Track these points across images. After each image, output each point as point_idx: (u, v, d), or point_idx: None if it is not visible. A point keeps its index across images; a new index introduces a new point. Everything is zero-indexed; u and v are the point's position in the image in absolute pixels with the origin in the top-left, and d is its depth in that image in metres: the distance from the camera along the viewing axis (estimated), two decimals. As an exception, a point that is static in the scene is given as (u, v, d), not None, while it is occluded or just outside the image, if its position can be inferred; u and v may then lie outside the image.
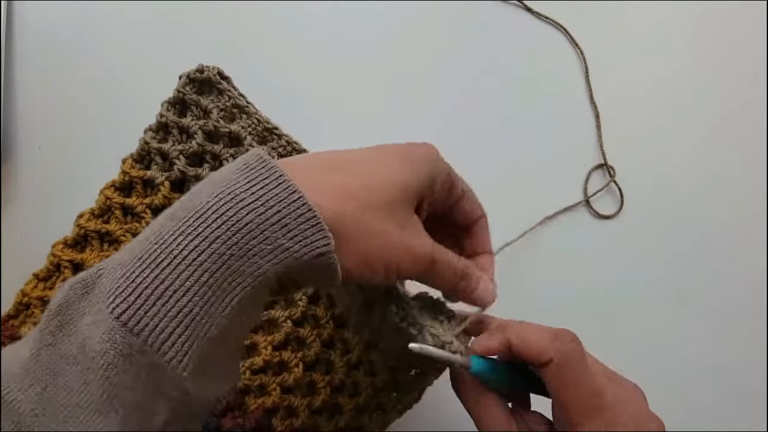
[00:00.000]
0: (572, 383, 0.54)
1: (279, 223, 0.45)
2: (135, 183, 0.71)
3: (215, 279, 0.43)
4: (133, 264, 0.42)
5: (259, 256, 0.45)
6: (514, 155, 0.93)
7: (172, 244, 0.43)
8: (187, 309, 0.42)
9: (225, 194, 0.45)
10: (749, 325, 0.91)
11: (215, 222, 0.44)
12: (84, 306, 0.42)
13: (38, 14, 0.89)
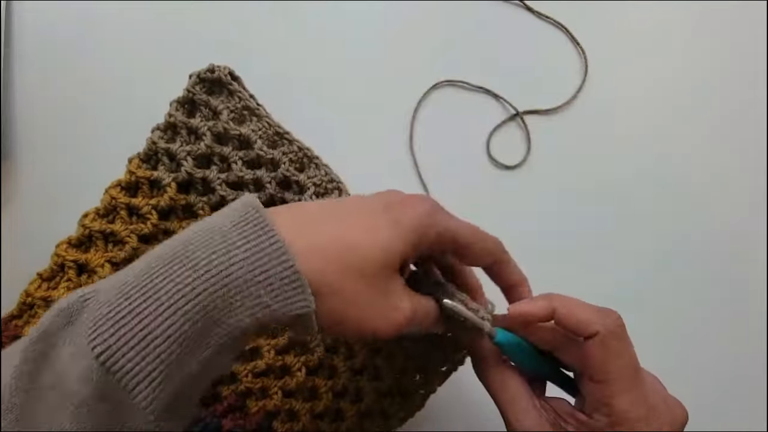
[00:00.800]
0: (615, 355, 0.56)
1: (265, 281, 0.47)
2: (141, 183, 0.71)
3: (196, 328, 0.45)
4: (119, 303, 0.44)
5: (241, 310, 0.46)
6: (514, 155, 0.94)
7: (161, 291, 0.45)
8: (164, 355, 0.44)
9: (219, 248, 0.47)
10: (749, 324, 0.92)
11: (205, 275, 0.45)
12: (66, 335, 0.44)
13: (38, 14, 0.89)
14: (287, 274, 0.47)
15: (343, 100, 0.92)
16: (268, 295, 0.47)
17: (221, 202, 0.71)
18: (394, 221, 0.54)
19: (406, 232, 0.54)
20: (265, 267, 0.47)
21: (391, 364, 0.75)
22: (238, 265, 0.46)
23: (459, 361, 0.74)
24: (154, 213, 0.71)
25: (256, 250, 0.47)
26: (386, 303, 0.54)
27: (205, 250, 0.47)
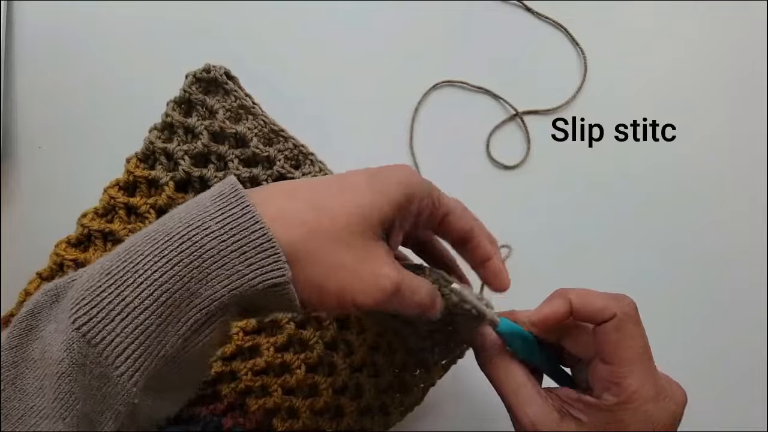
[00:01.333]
0: (629, 337, 0.57)
1: (238, 250, 0.47)
2: (139, 183, 0.72)
3: (174, 299, 0.46)
4: (100, 278, 0.45)
5: (217, 280, 0.47)
6: (514, 155, 0.94)
7: (140, 263, 0.46)
8: (143, 326, 0.44)
9: (195, 221, 0.48)
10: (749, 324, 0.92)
11: (181, 246, 0.46)
12: (52, 313, 0.46)
13: (38, 14, 0.89)
14: (261, 242, 0.48)
15: (343, 100, 0.93)
16: (243, 264, 0.47)
17: None
18: (373, 181, 0.55)
19: (387, 188, 0.54)
20: (239, 236, 0.48)
21: (392, 360, 0.75)
22: (213, 235, 0.47)
23: (459, 354, 0.75)
24: (152, 212, 0.71)
25: (230, 220, 0.48)
26: (367, 270, 0.53)
27: (183, 223, 0.47)
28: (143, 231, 0.48)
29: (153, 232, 0.47)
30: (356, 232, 0.52)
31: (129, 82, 0.89)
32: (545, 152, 0.94)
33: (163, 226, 0.48)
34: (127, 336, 0.44)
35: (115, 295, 0.45)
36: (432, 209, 0.59)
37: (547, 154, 0.94)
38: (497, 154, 0.93)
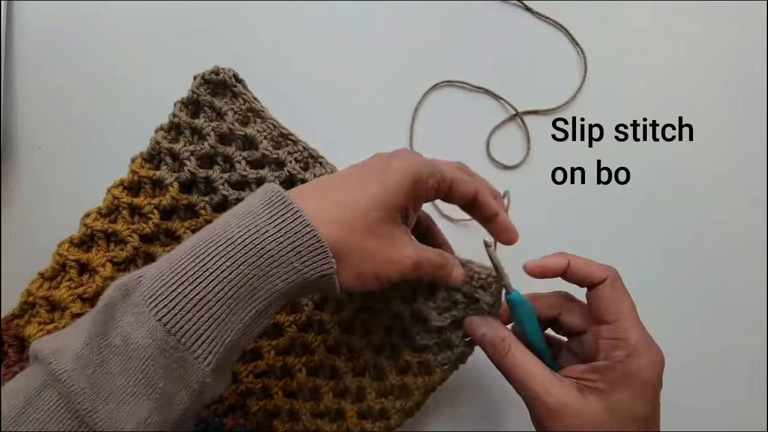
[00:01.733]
0: (623, 293, 0.67)
1: (294, 250, 0.56)
2: (144, 183, 0.72)
3: (240, 293, 0.54)
4: (173, 276, 0.52)
5: (276, 276, 0.55)
6: (514, 155, 0.94)
7: (209, 263, 0.53)
8: (215, 316, 0.52)
9: (252, 227, 0.55)
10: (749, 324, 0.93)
11: (244, 248, 0.54)
12: (126, 306, 0.51)
13: (38, 14, 0.89)
14: (312, 242, 0.56)
15: (343, 101, 0.93)
16: (298, 261, 0.56)
17: (223, 202, 0.73)
18: (383, 178, 0.62)
19: (397, 178, 0.62)
20: (293, 238, 0.56)
21: (394, 363, 0.75)
22: (271, 238, 0.55)
23: (460, 360, 0.75)
24: (156, 212, 0.72)
25: (284, 226, 0.56)
26: (393, 250, 0.62)
27: (241, 228, 0.55)
28: (200, 237, 0.55)
29: (214, 236, 0.55)
30: (378, 221, 0.61)
31: (129, 82, 0.88)
32: (545, 152, 0.94)
33: (223, 232, 0.55)
34: (201, 324, 0.52)
35: (189, 290, 0.52)
36: (438, 185, 0.66)
37: (547, 154, 0.94)
38: (497, 154, 0.93)
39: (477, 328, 0.71)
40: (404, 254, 0.63)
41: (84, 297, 0.68)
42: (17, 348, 0.66)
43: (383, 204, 0.61)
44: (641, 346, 0.64)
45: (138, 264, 0.71)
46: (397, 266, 0.63)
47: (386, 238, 0.62)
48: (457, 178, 0.68)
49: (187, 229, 0.73)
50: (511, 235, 0.72)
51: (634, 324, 0.65)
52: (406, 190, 0.62)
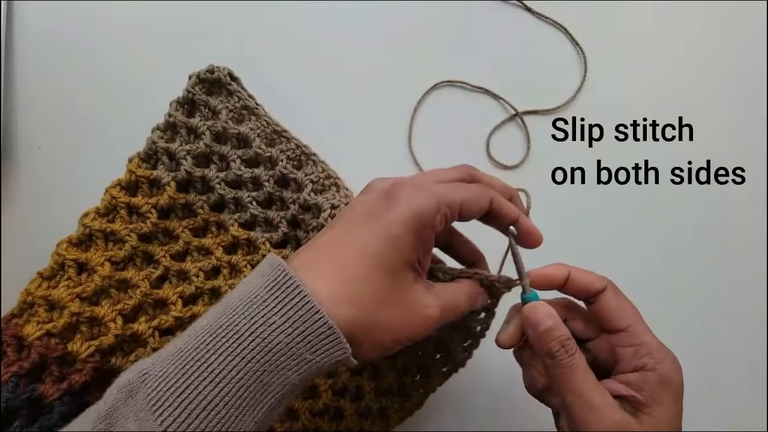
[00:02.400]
0: (625, 300, 0.66)
1: (304, 341, 0.52)
2: (141, 182, 0.71)
3: (250, 392, 0.51)
4: (177, 378, 0.50)
5: (287, 368, 0.52)
6: (514, 155, 0.94)
7: (214, 364, 0.50)
8: (224, 419, 0.50)
9: (258, 316, 0.52)
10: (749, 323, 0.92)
11: (251, 344, 0.51)
12: (128, 411, 0.49)
13: (38, 14, 0.89)
14: (323, 330, 0.53)
15: (343, 100, 0.93)
16: (309, 352, 0.52)
17: (220, 200, 0.72)
18: (383, 231, 0.58)
19: (399, 237, 0.57)
20: (302, 328, 0.52)
21: (392, 364, 0.75)
22: (278, 330, 0.52)
23: (460, 362, 0.75)
24: (153, 212, 0.71)
25: (291, 314, 0.52)
26: (411, 313, 0.59)
27: (247, 319, 0.52)
28: (207, 322, 0.53)
29: (218, 327, 0.52)
30: (389, 288, 0.57)
31: (129, 82, 0.89)
32: (545, 152, 0.94)
33: (227, 319, 0.52)
34: (211, 430, 0.49)
35: (195, 395, 0.49)
36: (446, 218, 0.61)
37: (547, 154, 0.94)
38: (497, 154, 0.93)
39: (542, 320, 0.64)
40: (425, 314, 0.60)
41: (83, 296, 0.67)
42: (16, 347, 0.66)
43: (390, 268, 0.57)
44: (662, 349, 0.63)
45: (136, 263, 0.71)
46: (420, 328, 0.60)
47: (402, 303, 0.58)
48: (466, 199, 0.62)
49: (185, 227, 0.72)
50: (535, 237, 0.68)
51: (646, 329, 0.64)
52: (412, 243, 0.58)
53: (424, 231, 0.59)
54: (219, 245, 0.73)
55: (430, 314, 0.60)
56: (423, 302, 0.60)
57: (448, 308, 0.62)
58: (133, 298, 0.69)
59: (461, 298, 0.64)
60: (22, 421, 0.63)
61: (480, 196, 0.63)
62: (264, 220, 0.73)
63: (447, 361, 0.75)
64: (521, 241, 0.68)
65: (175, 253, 0.72)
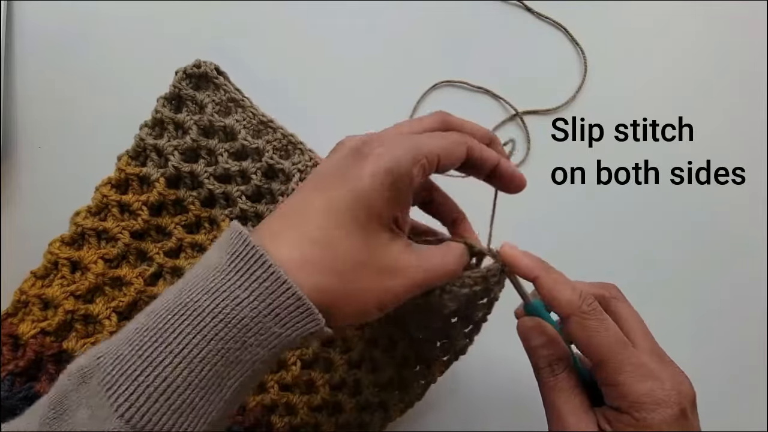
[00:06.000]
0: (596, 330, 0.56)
1: (271, 314, 0.47)
2: (131, 180, 0.70)
3: (216, 371, 0.46)
4: (133, 360, 0.45)
5: (255, 344, 0.47)
6: (514, 155, 0.92)
7: (173, 343, 0.45)
8: (189, 401, 0.45)
9: (220, 291, 0.47)
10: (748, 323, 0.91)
11: (213, 320, 0.46)
12: (81, 396, 0.44)
13: (38, 14, 0.89)
14: (292, 302, 0.48)
15: (342, 100, 0.92)
16: (278, 326, 0.48)
17: (210, 195, 0.71)
18: (354, 188, 0.52)
19: (372, 193, 0.52)
20: (268, 301, 0.47)
21: (392, 355, 0.74)
22: (243, 304, 0.47)
23: (460, 351, 0.74)
24: (144, 209, 0.70)
25: (256, 286, 0.48)
26: (393, 275, 0.53)
27: (208, 294, 0.47)
28: (165, 299, 0.48)
29: (177, 305, 0.47)
30: (366, 250, 0.52)
31: (129, 82, 0.88)
32: (545, 152, 0.93)
33: (187, 296, 0.47)
34: (173, 413, 0.44)
35: (153, 377, 0.44)
36: (424, 170, 0.55)
37: (547, 154, 0.93)
38: (496, 154, 0.91)
39: (531, 337, 0.62)
40: (406, 276, 0.54)
41: (77, 294, 0.67)
42: (11, 346, 0.65)
43: (361, 226, 0.52)
44: (644, 398, 0.54)
45: (130, 260, 0.70)
46: (403, 290, 0.54)
47: (379, 264, 0.53)
48: (444, 148, 0.56)
49: (177, 224, 0.71)
50: (518, 181, 0.63)
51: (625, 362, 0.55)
52: (385, 198, 0.52)
53: (400, 184, 0.53)
54: (212, 241, 0.71)
55: (411, 275, 0.54)
56: (403, 263, 0.54)
57: (434, 270, 0.57)
58: (128, 295, 0.68)
59: (449, 260, 0.59)
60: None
61: (458, 144, 0.58)
62: (254, 215, 0.71)
63: (448, 348, 0.73)
64: (503, 188, 0.63)
65: (168, 250, 0.71)
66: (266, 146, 0.70)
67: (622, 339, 0.56)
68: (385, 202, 0.53)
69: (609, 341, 0.56)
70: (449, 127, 0.61)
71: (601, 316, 0.57)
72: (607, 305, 0.61)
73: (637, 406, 0.54)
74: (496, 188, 0.64)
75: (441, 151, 0.56)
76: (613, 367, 0.55)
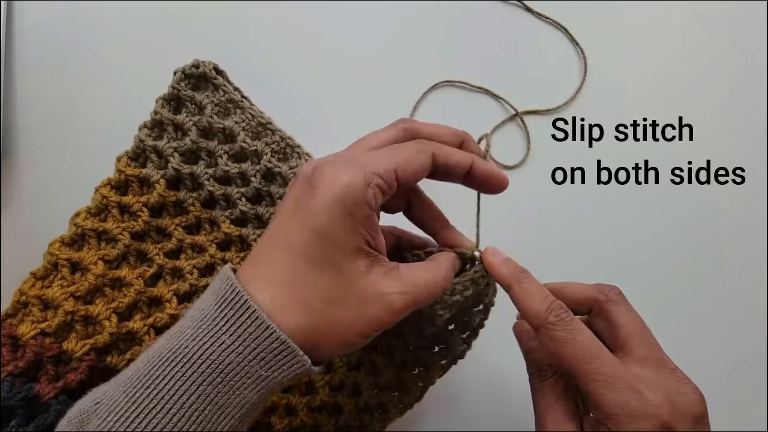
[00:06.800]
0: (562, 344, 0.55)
1: (257, 358, 0.49)
2: (131, 181, 0.70)
3: (204, 416, 0.47)
4: (127, 407, 0.47)
5: (243, 388, 0.49)
6: (514, 155, 0.92)
7: (163, 390, 0.47)
8: None
9: (207, 336, 0.48)
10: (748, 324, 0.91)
11: (201, 366, 0.47)
12: None
13: (38, 14, 0.88)
14: (276, 345, 0.49)
15: (342, 100, 0.91)
16: (264, 369, 0.49)
17: (210, 197, 0.71)
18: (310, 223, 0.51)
19: (329, 227, 0.51)
20: (254, 346, 0.48)
21: (390, 359, 0.74)
22: (229, 350, 0.48)
23: (459, 355, 0.73)
24: (145, 210, 0.70)
25: (241, 332, 0.48)
26: (372, 303, 0.52)
27: (196, 341, 0.48)
28: (158, 347, 0.49)
29: (168, 352, 0.48)
30: (333, 281, 0.51)
31: (129, 82, 0.88)
32: (545, 152, 0.93)
33: (177, 342, 0.49)
34: None
35: (145, 424, 0.46)
36: (382, 189, 0.52)
37: (547, 154, 0.93)
38: (497, 154, 0.91)
39: (523, 341, 0.63)
40: (385, 303, 0.52)
41: (77, 295, 0.66)
42: (11, 347, 0.65)
43: (328, 261, 0.51)
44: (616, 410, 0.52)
45: (130, 261, 0.70)
46: (384, 317, 0.52)
47: (356, 296, 0.52)
48: (401, 162, 0.53)
49: (178, 225, 0.71)
50: (497, 180, 0.60)
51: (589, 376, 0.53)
52: (347, 228, 0.51)
53: (356, 211, 0.51)
54: (212, 242, 0.71)
55: (391, 301, 0.52)
56: (381, 290, 0.52)
57: (420, 292, 0.54)
58: (128, 296, 0.67)
59: (436, 276, 0.56)
60: (18, 420, 0.61)
61: (418, 154, 0.55)
62: (254, 216, 0.71)
63: (446, 353, 0.73)
64: (482, 189, 0.61)
65: (168, 251, 0.70)
66: (265, 149, 0.70)
67: (592, 349, 0.54)
68: (347, 232, 0.51)
69: (576, 352, 0.54)
70: (413, 135, 0.59)
71: (569, 326, 0.55)
72: (601, 310, 0.61)
73: (611, 418, 0.52)
74: (476, 190, 0.62)
75: (397, 166, 0.53)
76: (581, 377, 0.54)
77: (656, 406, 0.52)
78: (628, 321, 0.60)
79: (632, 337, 0.58)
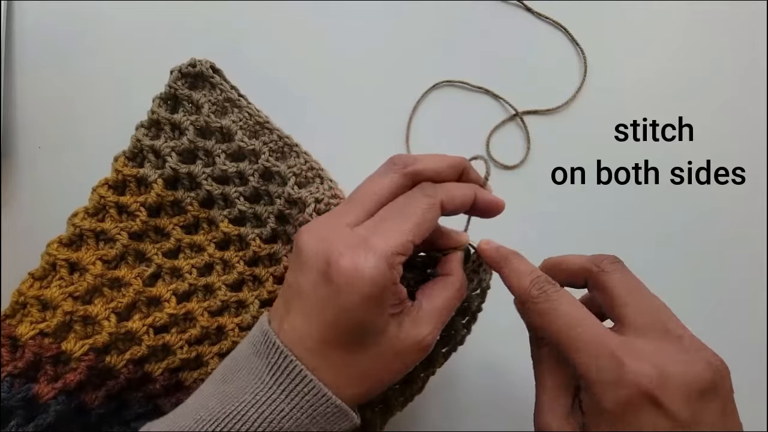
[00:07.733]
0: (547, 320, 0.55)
1: (311, 421, 0.51)
2: (128, 181, 0.70)
3: None
4: None
5: None
6: (514, 155, 0.92)
7: None
8: None
9: (266, 405, 0.50)
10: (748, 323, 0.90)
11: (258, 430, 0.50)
12: None
13: (38, 14, 0.88)
14: (331, 410, 0.51)
15: (342, 100, 0.91)
16: (316, 427, 0.51)
17: (209, 196, 0.71)
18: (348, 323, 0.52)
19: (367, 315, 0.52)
20: (310, 412, 0.51)
21: None
22: (288, 417, 0.50)
23: (459, 341, 0.73)
24: (143, 210, 0.70)
25: (298, 399, 0.51)
26: (410, 351, 0.55)
27: (255, 407, 0.50)
28: (209, 408, 0.51)
29: (226, 414, 0.50)
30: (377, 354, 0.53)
31: (129, 82, 0.88)
32: (545, 152, 0.92)
33: (233, 406, 0.50)
34: None
35: None
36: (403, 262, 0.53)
37: (547, 154, 0.92)
38: (497, 154, 0.91)
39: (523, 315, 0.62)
40: (420, 347, 0.55)
41: (75, 295, 0.66)
42: (10, 348, 0.64)
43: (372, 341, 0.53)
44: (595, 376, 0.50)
45: (128, 261, 0.69)
46: (419, 356, 0.55)
47: (394, 352, 0.54)
48: (414, 228, 0.53)
49: (176, 225, 0.71)
50: (495, 209, 0.61)
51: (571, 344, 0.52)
52: (382, 313, 0.52)
53: (389, 296, 0.52)
54: (211, 242, 0.71)
55: (426, 344, 0.55)
56: (416, 338, 0.54)
57: (443, 315, 0.57)
58: (127, 296, 0.67)
59: (452, 290, 0.58)
60: (18, 420, 0.61)
61: (427, 212, 0.55)
62: (253, 216, 0.71)
63: (447, 340, 0.72)
64: (480, 216, 0.62)
65: (167, 251, 0.70)
66: (262, 148, 0.70)
67: (572, 318, 0.53)
68: (383, 315, 0.53)
69: (558, 322, 0.53)
70: (414, 179, 0.58)
71: (552, 297, 0.55)
72: (596, 282, 0.58)
73: (591, 386, 0.50)
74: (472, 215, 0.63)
75: (413, 235, 0.53)
76: (564, 347, 0.53)
77: (636, 374, 0.49)
78: (623, 290, 0.58)
79: (627, 305, 0.56)
